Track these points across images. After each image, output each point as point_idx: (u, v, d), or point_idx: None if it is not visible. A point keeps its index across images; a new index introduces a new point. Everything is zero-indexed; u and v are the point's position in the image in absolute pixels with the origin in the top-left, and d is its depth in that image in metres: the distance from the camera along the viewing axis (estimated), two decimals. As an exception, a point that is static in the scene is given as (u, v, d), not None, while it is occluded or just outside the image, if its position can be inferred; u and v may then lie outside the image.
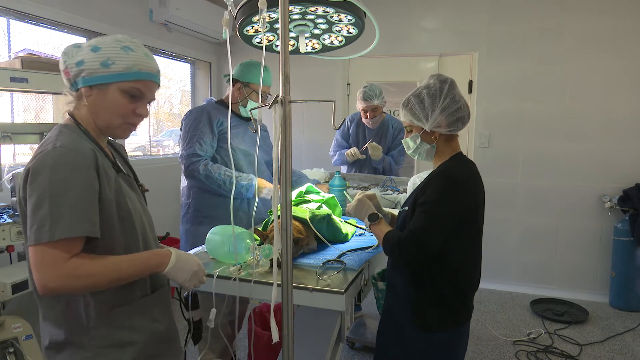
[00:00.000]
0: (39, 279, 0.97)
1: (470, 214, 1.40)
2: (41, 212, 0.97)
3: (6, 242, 2.01)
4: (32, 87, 2.22)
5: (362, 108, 3.06)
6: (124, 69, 1.09)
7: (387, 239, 1.44)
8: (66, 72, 1.10)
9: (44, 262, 0.97)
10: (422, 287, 1.42)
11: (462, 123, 1.46)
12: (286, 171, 1.14)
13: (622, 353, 2.87)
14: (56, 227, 0.97)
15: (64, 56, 1.11)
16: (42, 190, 0.98)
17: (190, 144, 2.16)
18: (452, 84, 1.46)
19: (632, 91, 3.57)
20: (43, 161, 1.00)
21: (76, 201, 0.99)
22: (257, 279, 1.43)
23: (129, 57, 1.10)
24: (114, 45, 1.09)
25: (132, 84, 1.11)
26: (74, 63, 1.08)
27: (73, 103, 1.15)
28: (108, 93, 1.10)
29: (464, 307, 1.47)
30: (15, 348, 1.89)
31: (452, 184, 1.37)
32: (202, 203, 2.24)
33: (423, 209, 1.36)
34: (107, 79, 1.08)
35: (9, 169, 2.41)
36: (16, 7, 2.66)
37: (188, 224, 2.29)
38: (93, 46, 1.09)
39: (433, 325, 1.42)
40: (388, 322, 1.53)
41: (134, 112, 1.14)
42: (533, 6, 3.72)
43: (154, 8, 3.61)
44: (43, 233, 0.96)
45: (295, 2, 1.24)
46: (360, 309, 3.31)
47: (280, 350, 1.71)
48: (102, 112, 1.12)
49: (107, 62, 1.08)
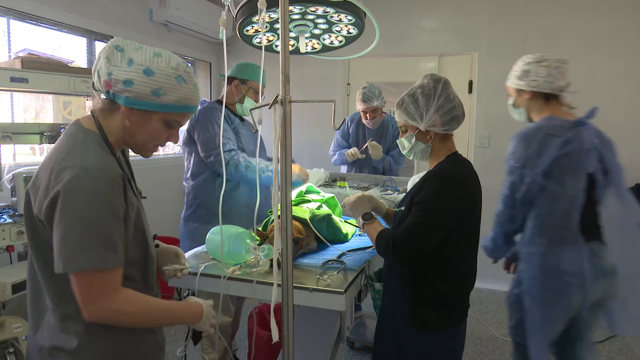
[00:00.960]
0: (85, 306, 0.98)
1: (466, 213, 1.40)
2: (73, 240, 0.94)
3: (6, 242, 2.01)
4: (32, 87, 2.22)
5: (362, 109, 3.06)
6: (173, 102, 1.06)
7: (380, 237, 1.42)
8: (107, 83, 1.02)
9: (97, 289, 0.98)
10: (419, 287, 1.42)
11: (457, 122, 1.46)
12: (286, 171, 1.14)
13: (622, 353, 2.87)
14: (88, 258, 0.95)
15: (106, 63, 1.03)
16: (77, 215, 0.94)
17: (217, 142, 2.14)
18: (446, 84, 1.46)
19: (632, 91, 3.57)
20: (75, 186, 0.95)
21: (110, 232, 0.98)
22: (257, 279, 1.43)
23: (181, 89, 1.06)
24: (169, 73, 1.04)
25: (176, 116, 1.10)
26: (121, 81, 1.01)
27: (100, 106, 1.09)
28: (150, 120, 1.07)
29: (460, 306, 1.47)
30: (15, 348, 1.89)
31: (449, 183, 1.37)
32: (213, 201, 2.22)
33: (419, 208, 1.36)
34: (154, 107, 1.04)
35: (9, 169, 2.41)
36: (16, 7, 2.66)
37: (196, 223, 2.28)
38: (146, 68, 1.02)
39: (430, 325, 1.41)
40: (385, 323, 1.53)
41: (166, 138, 1.13)
42: (533, 6, 3.72)
43: (154, 8, 3.61)
44: (76, 262, 0.95)
45: (295, 2, 1.24)
46: (360, 309, 3.31)
47: (280, 350, 1.71)
48: (138, 134, 1.08)
49: (158, 92, 1.03)
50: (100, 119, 1.08)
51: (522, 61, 1.77)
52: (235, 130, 2.28)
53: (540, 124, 1.65)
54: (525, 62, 1.75)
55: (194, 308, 1.17)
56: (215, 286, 1.46)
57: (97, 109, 1.09)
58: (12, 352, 1.88)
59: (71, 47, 3.26)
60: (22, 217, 2.10)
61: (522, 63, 1.76)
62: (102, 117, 1.08)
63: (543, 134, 1.58)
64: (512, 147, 1.63)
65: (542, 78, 1.69)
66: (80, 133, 1.05)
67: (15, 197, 2.14)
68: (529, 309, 1.59)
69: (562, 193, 1.55)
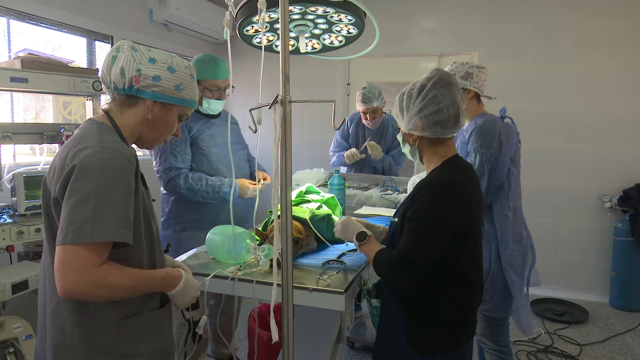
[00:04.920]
0: (65, 281, 0.94)
1: (464, 226, 1.26)
2: (83, 212, 0.95)
3: (6, 242, 2.01)
4: (32, 87, 2.22)
5: (362, 110, 3.06)
6: (189, 97, 1.18)
7: (377, 262, 1.31)
8: (136, 79, 1.10)
9: (75, 265, 0.94)
10: (418, 306, 1.29)
11: (442, 127, 1.29)
12: (286, 171, 1.14)
13: (622, 353, 2.87)
14: (98, 229, 0.95)
15: (132, 60, 1.09)
16: (88, 189, 0.96)
17: (164, 157, 2.08)
18: (439, 83, 1.29)
19: (632, 91, 3.57)
20: (90, 160, 0.99)
21: (119, 206, 0.99)
22: (257, 279, 1.43)
23: (193, 86, 1.19)
24: (186, 72, 1.16)
25: (188, 110, 1.21)
26: (151, 76, 1.10)
27: (115, 102, 1.14)
28: (170, 113, 1.17)
29: (465, 325, 1.33)
30: (15, 348, 1.89)
31: (442, 195, 1.25)
32: (181, 209, 2.18)
33: (412, 226, 1.24)
34: (175, 101, 1.15)
35: (9, 169, 2.41)
36: (16, 7, 2.66)
37: (169, 230, 2.22)
38: (169, 66, 1.13)
39: (432, 347, 1.30)
40: (383, 342, 1.40)
41: (173, 132, 1.23)
42: (533, 6, 3.72)
43: (154, 8, 3.61)
44: (83, 233, 0.94)
45: (295, 2, 1.24)
46: (360, 309, 3.31)
47: (280, 350, 1.71)
48: (157, 127, 1.17)
49: (179, 87, 1.15)
50: (115, 115, 1.14)
51: (460, 64, 2.03)
52: (199, 132, 2.15)
53: (493, 117, 1.97)
54: (467, 65, 2.02)
55: (174, 272, 1.15)
56: (216, 286, 1.46)
57: (112, 106, 1.15)
58: (12, 352, 1.88)
59: (71, 47, 3.26)
60: (22, 217, 2.12)
61: (462, 66, 2.02)
62: (117, 113, 1.14)
63: (500, 126, 1.92)
64: (482, 138, 1.88)
65: (482, 82, 2.04)
66: (94, 124, 1.10)
67: (15, 197, 2.14)
68: (509, 276, 1.86)
69: (517, 173, 2.00)
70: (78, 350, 1.04)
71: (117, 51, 1.11)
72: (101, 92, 2.52)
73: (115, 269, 1.01)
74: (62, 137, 2.41)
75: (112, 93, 1.14)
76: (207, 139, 2.17)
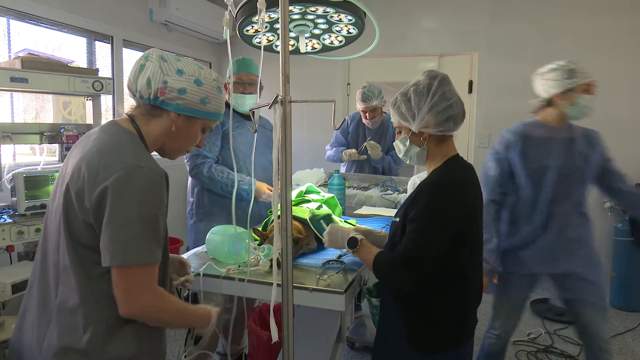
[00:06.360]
0: (140, 302, 1.00)
1: (466, 226, 1.27)
2: (128, 232, 0.97)
3: (6, 242, 2.01)
4: (32, 87, 2.22)
5: (362, 109, 3.06)
6: (213, 110, 1.17)
7: (377, 265, 1.30)
8: (162, 91, 1.09)
9: (144, 284, 1.00)
10: (417, 306, 1.29)
11: (454, 122, 1.32)
12: (286, 171, 1.14)
13: (622, 353, 2.87)
14: (143, 251, 0.98)
15: (160, 72, 1.09)
16: (131, 210, 0.98)
17: None
18: (443, 80, 1.33)
19: (632, 91, 3.57)
20: (126, 183, 0.99)
21: (159, 227, 1.02)
22: (257, 279, 1.43)
23: (219, 99, 1.18)
24: (213, 84, 1.15)
25: (212, 123, 1.20)
26: (177, 89, 1.10)
27: (139, 111, 1.14)
28: (194, 126, 1.16)
29: (464, 324, 1.33)
30: (15, 348, 1.89)
31: (444, 195, 1.25)
32: (203, 200, 2.29)
33: (414, 227, 1.24)
34: (200, 114, 1.15)
35: (9, 169, 2.41)
36: (16, 7, 2.66)
37: (191, 220, 2.36)
38: (196, 78, 1.12)
39: (431, 347, 1.29)
40: (383, 343, 1.40)
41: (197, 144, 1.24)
42: (533, 6, 3.72)
43: (154, 8, 3.61)
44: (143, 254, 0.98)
45: (295, 2, 1.24)
46: (360, 309, 3.30)
47: (280, 350, 1.71)
48: (180, 139, 1.17)
49: (205, 100, 1.14)
50: (140, 123, 1.13)
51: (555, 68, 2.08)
52: (226, 132, 2.22)
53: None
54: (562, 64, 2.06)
55: (204, 312, 1.18)
56: (216, 286, 1.46)
57: (137, 113, 1.14)
58: (12, 352, 1.88)
59: (71, 47, 3.27)
60: (22, 217, 2.12)
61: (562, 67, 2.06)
62: (142, 122, 1.14)
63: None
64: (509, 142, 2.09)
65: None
66: (124, 133, 1.10)
67: (15, 197, 2.14)
68: None
69: None
70: (85, 354, 1.02)
71: (145, 60, 1.11)
72: (101, 92, 2.53)
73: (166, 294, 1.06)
74: (62, 137, 2.41)
75: (137, 101, 1.14)
76: (237, 136, 2.26)
